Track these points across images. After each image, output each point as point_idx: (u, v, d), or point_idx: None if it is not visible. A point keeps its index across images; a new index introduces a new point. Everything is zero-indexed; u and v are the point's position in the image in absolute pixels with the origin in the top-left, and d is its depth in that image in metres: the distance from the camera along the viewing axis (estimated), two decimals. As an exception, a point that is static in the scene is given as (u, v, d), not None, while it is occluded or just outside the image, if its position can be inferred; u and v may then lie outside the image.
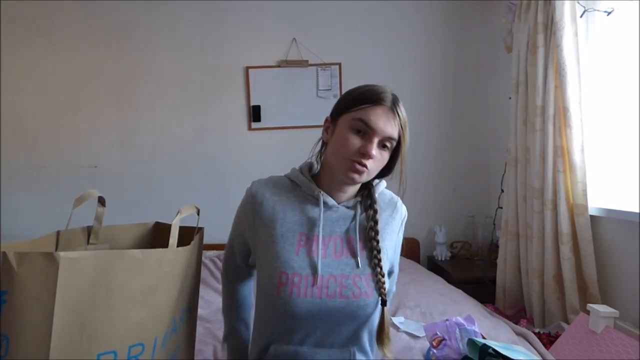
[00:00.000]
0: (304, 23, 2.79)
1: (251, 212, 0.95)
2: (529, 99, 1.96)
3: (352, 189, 0.97)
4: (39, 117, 2.71)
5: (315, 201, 0.94)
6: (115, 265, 0.72)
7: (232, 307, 1.09)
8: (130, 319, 0.74)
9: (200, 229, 1.01)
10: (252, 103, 2.77)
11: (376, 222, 0.93)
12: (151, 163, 2.77)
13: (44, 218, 2.64)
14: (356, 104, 0.89)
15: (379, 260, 0.91)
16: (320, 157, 1.00)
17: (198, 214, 1.01)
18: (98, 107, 2.74)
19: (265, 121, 2.78)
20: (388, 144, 0.89)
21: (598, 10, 1.80)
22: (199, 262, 0.99)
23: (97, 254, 0.71)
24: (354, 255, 0.92)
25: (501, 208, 2.31)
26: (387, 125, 0.87)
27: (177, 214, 0.88)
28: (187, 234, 0.99)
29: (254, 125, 2.79)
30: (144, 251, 0.75)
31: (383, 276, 0.91)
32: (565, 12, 1.76)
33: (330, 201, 0.94)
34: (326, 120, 0.97)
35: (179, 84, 2.77)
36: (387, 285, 0.92)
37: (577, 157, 1.76)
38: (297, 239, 0.91)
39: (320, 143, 1.00)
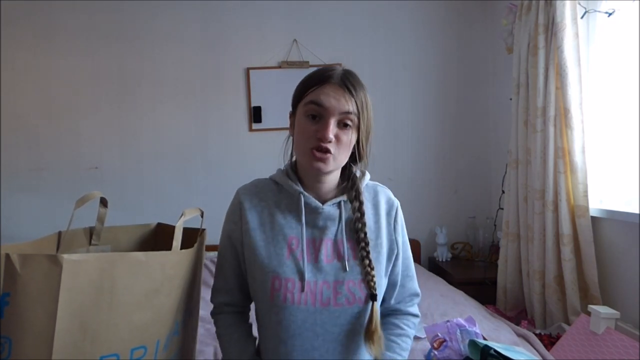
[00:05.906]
0: (305, 24, 2.79)
1: (240, 219, 0.92)
2: (530, 100, 1.96)
3: (332, 179, 0.92)
4: (40, 118, 2.70)
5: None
6: (119, 267, 0.72)
7: (240, 339, 0.96)
8: (132, 322, 0.74)
9: (203, 231, 1.01)
10: (253, 104, 2.76)
11: (362, 214, 0.90)
12: (152, 164, 2.77)
13: (45, 220, 2.64)
14: (306, 88, 0.87)
15: (367, 252, 0.87)
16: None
17: (202, 217, 1.00)
18: (99, 109, 2.74)
19: (266, 122, 2.78)
20: (349, 122, 0.84)
21: (599, 12, 1.80)
22: (200, 264, 0.98)
23: (100, 256, 0.71)
24: (342, 259, 0.87)
25: (502, 209, 2.31)
26: (339, 100, 0.83)
27: (181, 216, 0.87)
28: (190, 236, 0.99)
29: (255, 126, 2.79)
30: (147, 254, 0.75)
31: (372, 269, 0.87)
32: (566, 13, 1.76)
33: (313, 202, 0.90)
34: (290, 114, 0.94)
35: (180, 85, 2.77)
36: (377, 279, 0.87)
37: (578, 158, 1.76)
38: (288, 242, 0.88)
39: (290, 140, 0.95)
